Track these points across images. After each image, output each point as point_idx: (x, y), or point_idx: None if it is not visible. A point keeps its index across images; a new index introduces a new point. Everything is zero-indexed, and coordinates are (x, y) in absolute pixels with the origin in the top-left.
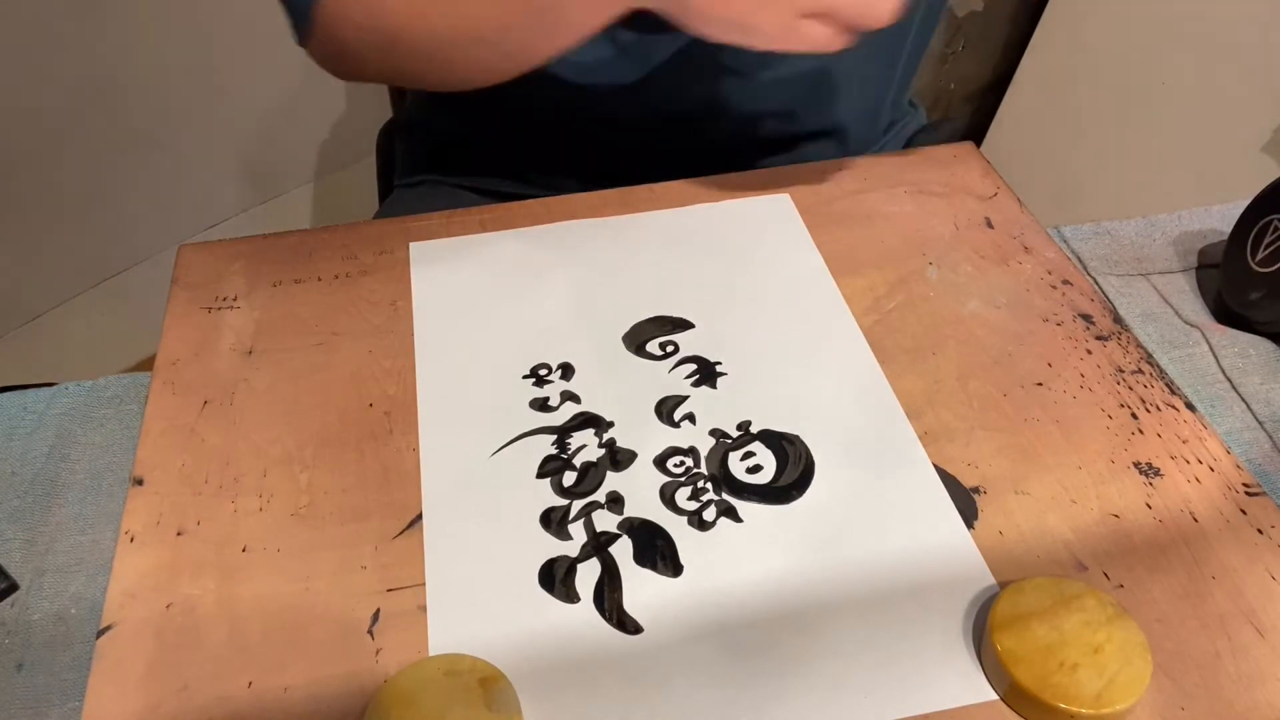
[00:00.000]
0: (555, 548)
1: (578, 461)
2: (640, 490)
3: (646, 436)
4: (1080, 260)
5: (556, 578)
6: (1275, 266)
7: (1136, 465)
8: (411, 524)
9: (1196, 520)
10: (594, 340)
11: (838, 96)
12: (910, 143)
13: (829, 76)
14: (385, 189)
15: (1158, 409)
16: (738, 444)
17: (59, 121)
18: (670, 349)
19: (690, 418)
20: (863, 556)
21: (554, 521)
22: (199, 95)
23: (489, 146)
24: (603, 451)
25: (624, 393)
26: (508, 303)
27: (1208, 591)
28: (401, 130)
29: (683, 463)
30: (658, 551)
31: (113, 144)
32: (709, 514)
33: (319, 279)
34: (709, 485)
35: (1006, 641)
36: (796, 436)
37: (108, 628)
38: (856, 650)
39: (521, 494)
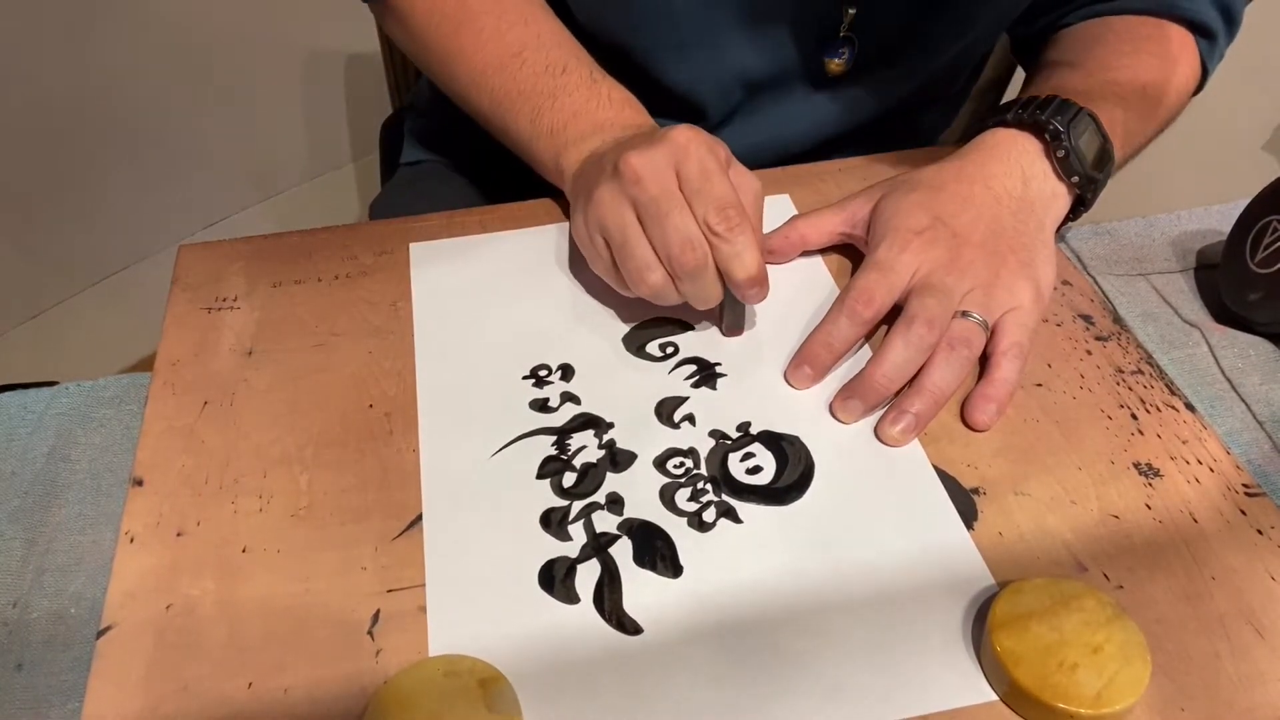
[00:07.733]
0: (555, 548)
1: (578, 462)
2: (640, 491)
3: (646, 437)
4: (1080, 260)
5: (556, 578)
6: (1275, 267)
7: (1136, 466)
8: (411, 525)
9: (1196, 521)
10: (594, 341)
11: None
12: None
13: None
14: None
15: (1157, 409)
16: (737, 445)
17: (59, 120)
18: (670, 350)
19: (690, 419)
20: (862, 557)
21: (554, 522)
22: (199, 94)
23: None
24: (602, 452)
25: (624, 394)
26: (508, 303)
27: (1207, 592)
28: (410, 110)
29: (682, 464)
30: (657, 552)
31: (112, 143)
32: (709, 515)
33: (319, 279)
34: (709, 486)
35: (1006, 641)
36: (796, 437)
37: (108, 628)
38: (856, 651)
39: (521, 495)
